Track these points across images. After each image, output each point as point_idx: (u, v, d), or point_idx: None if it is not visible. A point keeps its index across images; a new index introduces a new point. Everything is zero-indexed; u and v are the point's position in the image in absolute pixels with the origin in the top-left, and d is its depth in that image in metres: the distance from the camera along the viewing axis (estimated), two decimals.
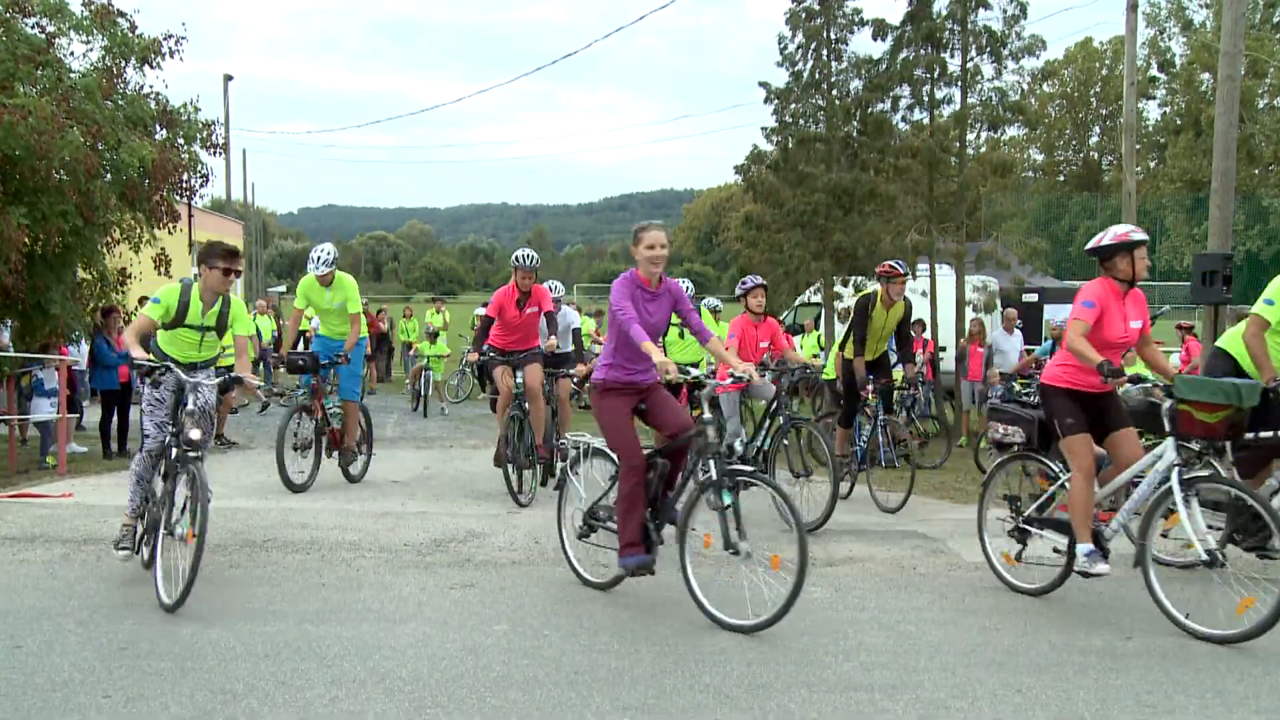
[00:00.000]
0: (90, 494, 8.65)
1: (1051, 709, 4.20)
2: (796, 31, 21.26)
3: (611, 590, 5.90)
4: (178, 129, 11.80)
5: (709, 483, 5.27)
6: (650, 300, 5.68)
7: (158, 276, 12.29)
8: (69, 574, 6.06)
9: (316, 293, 9.42)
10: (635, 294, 5.61)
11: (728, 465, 5.27)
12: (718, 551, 5.30)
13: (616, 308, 5.50)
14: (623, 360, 5.66)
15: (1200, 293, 11.03)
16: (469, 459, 11.59)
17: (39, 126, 9.45)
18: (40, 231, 10.02)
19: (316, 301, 9.47)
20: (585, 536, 6.03)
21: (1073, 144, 67.48)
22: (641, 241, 5.65)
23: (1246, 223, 48.23)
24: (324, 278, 9.25)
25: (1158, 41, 53.41)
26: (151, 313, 6.00)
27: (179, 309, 6.03)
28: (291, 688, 4.27)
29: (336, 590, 5.80)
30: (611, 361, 5.69)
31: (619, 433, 5.61)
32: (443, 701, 4.16)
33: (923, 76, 20.89)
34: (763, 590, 5.09)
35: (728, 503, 5.18)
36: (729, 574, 5.56)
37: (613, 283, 5.69)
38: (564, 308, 10.71)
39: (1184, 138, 51.81)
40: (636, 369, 5.67)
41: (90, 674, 4.38)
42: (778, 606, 4.99)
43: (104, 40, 11.23)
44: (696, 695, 4.27)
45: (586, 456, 6.17)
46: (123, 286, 12.04)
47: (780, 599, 4.98)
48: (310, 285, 9.45)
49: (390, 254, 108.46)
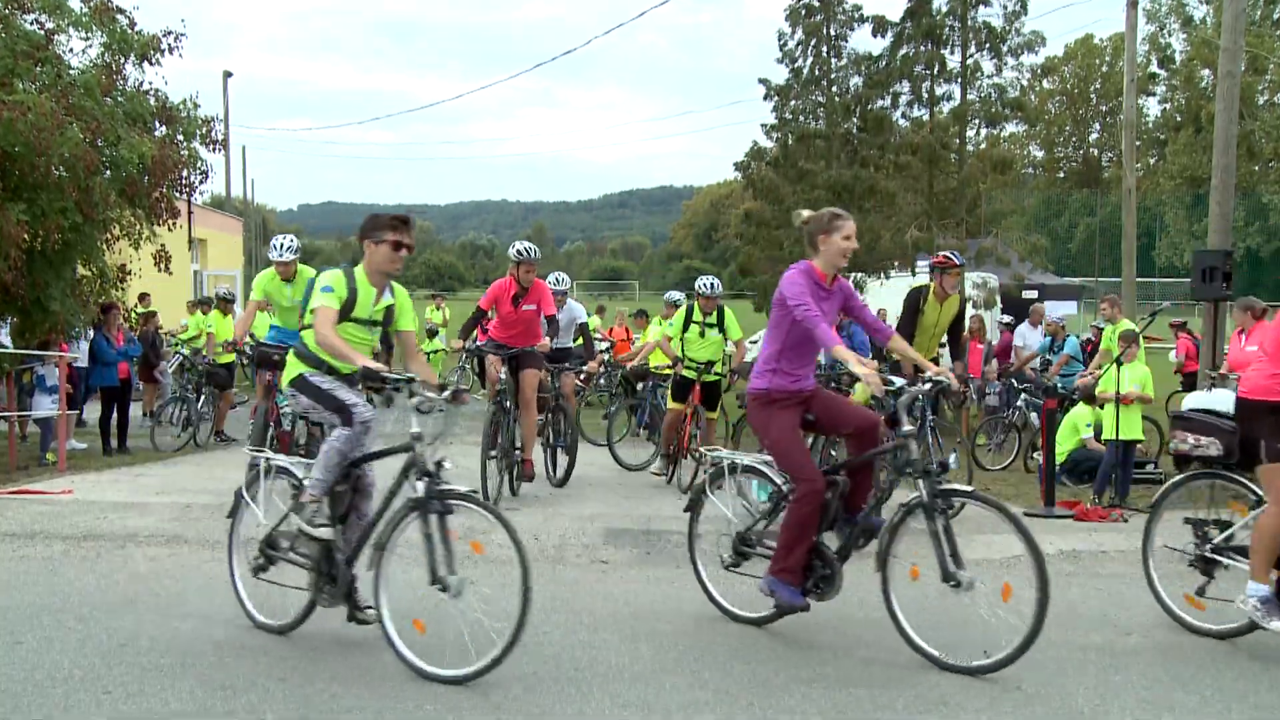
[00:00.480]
0: (90, 490, 8.64)
1: (1051, 705, 4.20)
2: (796, 28, 21.24)
3: (606, 585, 5.83)
4: (177, 125, 11.78)
5: (917, 505, 4.62)
6: (825, 299, 4.98)
7: (157, 273, 12.30)
8: (69, 570, 6.05)
9: (276, 287, 8.68)
10: (813, 291, 4.91)
11: (938, 484, 4.60)
12: (935, 584, 4.65)
13: (797, 304, 4.78)
14: (787, 366, 5.01)
15: (1200, 289, 11.02)
16: (467, 455, 11.58)
17: (38, 123, 9.44)
18: (40, 228, 10.00)
19: (276, 298, 8.75)
20: (735, 566, 5.30)
21: (1073, 140, 67.45)
22: (837, 230, 4.91)
23: (1247, 219, 48.24)
24: (286, 268, 8.56)
25: (1158, 38, 53.38)
26: (333, 302, 4.74)
27: (347, 299, 4.83)
28: (291, 684, 4.27)
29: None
30: (775, 368, 5.02)
31: (792, 451, 4.94)
32: (443, 697, 4.16)
33: (923, 73, 20.88)
34: (991, 623, 4.46)
35: (942, 526, 4.56)
36: (950, 606, 4.74)
37: (785, 275, 5.00)
38: (569, 301, 10.49)
39: (1184, 134, 51.79)
40: (802, 375, 5.05)
41: (90, 670, 4.37)
42: (1014, 644, 4.34)
43: (103, 37, 11.21)
44: (697, 692, 4.27)
45: (732, 473, 5.38)
46: (122, 283, 12.03)
47: (1018, 633, 4.35)
48: (270, 279, 8.74)
49: None
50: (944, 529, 4.56)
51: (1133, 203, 16.91)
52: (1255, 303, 9.56)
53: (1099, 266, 47.50)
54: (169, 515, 7.51)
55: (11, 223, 9.40)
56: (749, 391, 5.22)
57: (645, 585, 5.99)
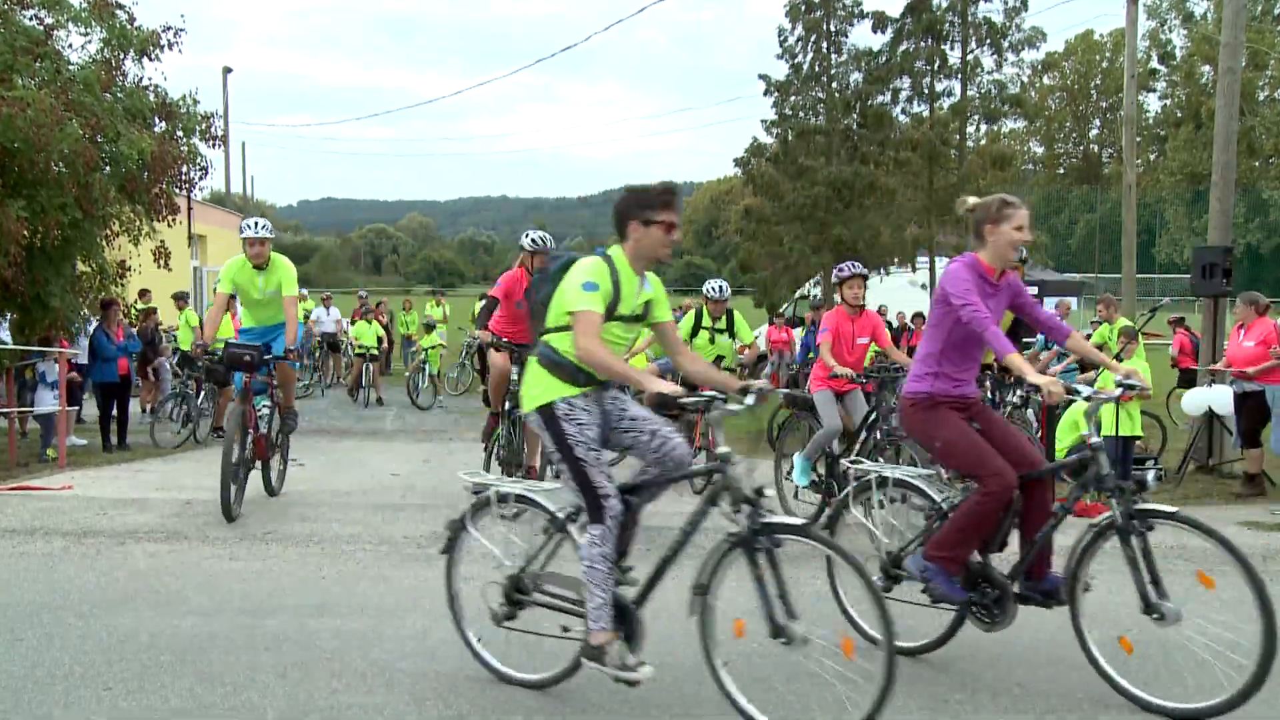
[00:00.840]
0: (90, 487, 8.65)
1: (1051, 701, 4.20)
2: (796, 24, 21.22)
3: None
4: (177, 121, 11.79)
5: (1111, 526, 4.15)
6: (992, 295, 4.52)
7: (157, 269, 12.31)
8: (69, 567, 6.05)
9: (247, 277, 7.71)
10: (980, 287, 4.46)
11: (1134, 503, 4.14)
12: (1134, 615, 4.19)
13: (963, 303, 4.34)
14: (950, 369, 4.57)
15: (1201, 285, 11.03)
16: (469, 451, 11.59)
17: (38, 119, 9.44)
18: (39, 224, 10.00)
19: (246, 288, 7.76)
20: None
21: (1073, 136, 67.41)
22: (1008, 219, 4.43)
23: (1247, 215, 48.29)
24: (260, 251, 7.56)
25: (1158, 34, 53.38)
26: (597, 304, 3.90)
27: (612, 297, 4.00)
28: (291, 680, 4.27)
29: (336, 583, 5.81)
30: (937, 370, 4.57)
31: (974, 448, 4.39)
32: (443, 694, 4.16)
33: (923, 69, 20.86)
34: (1206, 659, 3.98)
35: (1140, 550, 4.09)
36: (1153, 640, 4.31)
37: (948, 269, 4.54)
38: None
39: (1184, 130, 51.80)
40: (965, 380, 4.62)
41: (90, 667, 4.38)
42: (1237, 687, 3.84)
43: (102, 32, 11.21)
44: (697, 688, 4.27)
45: (882, 487, 4.72)
46: (122, 279, 12.04)
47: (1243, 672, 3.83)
48: (240, 268, 7.72)
49: (390, 247, 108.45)
50: (1143, 553, 4.07)
51: (1133, 199, 16.90)
52: (1258, 298, 9.57)
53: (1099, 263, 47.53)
54: (169, 511, 7.51)
55: (11, 219, 9.41)
56: (906, 395, 4.67)
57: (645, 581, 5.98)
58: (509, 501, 4.30)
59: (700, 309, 9.52)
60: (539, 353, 4.11)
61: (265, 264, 7.65)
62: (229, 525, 7.04)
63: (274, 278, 7.68)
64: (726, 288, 9.45)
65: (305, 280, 64.20)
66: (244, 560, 6.30)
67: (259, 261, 7.62)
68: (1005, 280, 4.59)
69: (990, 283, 4.52)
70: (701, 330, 9.38)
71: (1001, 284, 4.58)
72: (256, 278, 7.67)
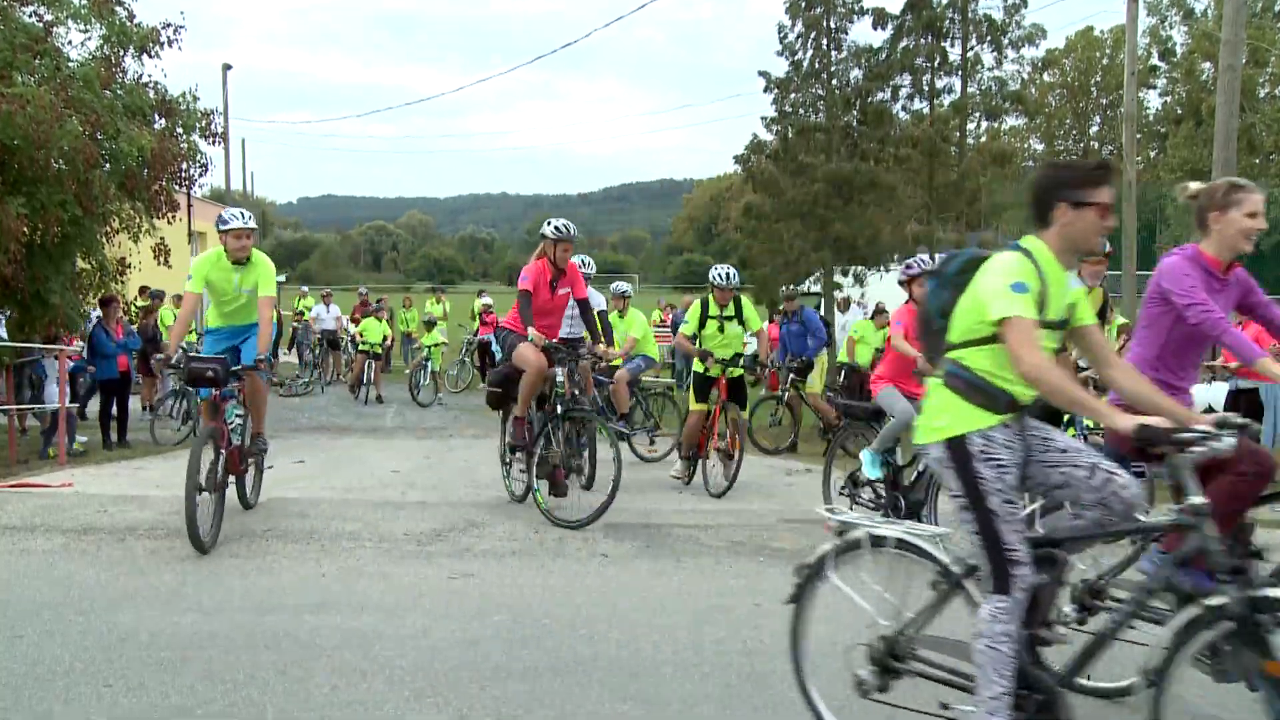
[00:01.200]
0: (90, 484, 8.66)
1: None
2: (796, 20, 21.20)
3: (606, 578, 5.84)
4: (176, 118, 11.81)
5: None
6: (1219, 291, 4.08)
7: (157, 266, 12.32)
8: (69, 564, 6.05)
9: (222, 273, 6.95)
10: (1206, 283, 4.02)
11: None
12: None
13: (1189, 302, 3.93)
14: (1167, 375, 4.09)
15: None
16: (470, 448, 11.60)
17: (37, 116, 9.44)
18: (39, 221, 10.01)
19: (220, 285, 6.99)
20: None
21: (1073, 133, 67.36)
22: (1238, 204, 4.01)
23: None
24: (242, 245, 6.87)
25: (1158, 30, 53.30)
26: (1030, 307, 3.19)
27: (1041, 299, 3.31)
28: (291, 678, 4.28)
29: (336, 580, 5.81)
30: (1153, 376, 3.93)
31: None
32: (443, 691, 4.16)
33: (923, 66, 20.86)
34: None
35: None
36: None
37: (1166, 263, 4.12)
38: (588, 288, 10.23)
39: (1185, 127, 51.74)
40: (1183, 387, 4.14)
41: (91, 664, 4.38)
42: None
43: (102, 29, 11.23)
44: (696, 686, 4.27)
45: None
46: (122, 276, 12.05)
47: None
48: (215, 263, 6.95)
49: (390, 244, 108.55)
50: None
51: (1133, 196, 16.91)
52: None
53: None
54: (169, 508, 7.50)
55: (11, 216, 9.41)
56: (1113, 403, 3.68)
57: (645, 578, 5.99)
58: (886, 546, 3.54)
59: (707, 298, 9.30)
60: (947, 372, 3.39)
61: (246, 259, 6.94)
62: (228, 524, 7.04)
63: (251, 276, 6.97)
64: (734, 274, 9.23)
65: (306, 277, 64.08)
66: (244, 557, 6.30)
67: (240, 256, 6.90)
68: (1234, 274, 4.14)
69: (1217, 277, 4.09)
70: (709, 319, 9.16)
71: (1229, 279, 4.13)
72: (233, 274, 6.94)
